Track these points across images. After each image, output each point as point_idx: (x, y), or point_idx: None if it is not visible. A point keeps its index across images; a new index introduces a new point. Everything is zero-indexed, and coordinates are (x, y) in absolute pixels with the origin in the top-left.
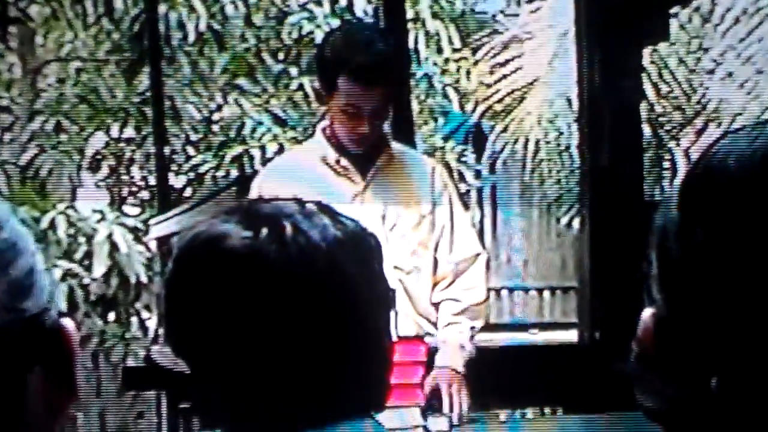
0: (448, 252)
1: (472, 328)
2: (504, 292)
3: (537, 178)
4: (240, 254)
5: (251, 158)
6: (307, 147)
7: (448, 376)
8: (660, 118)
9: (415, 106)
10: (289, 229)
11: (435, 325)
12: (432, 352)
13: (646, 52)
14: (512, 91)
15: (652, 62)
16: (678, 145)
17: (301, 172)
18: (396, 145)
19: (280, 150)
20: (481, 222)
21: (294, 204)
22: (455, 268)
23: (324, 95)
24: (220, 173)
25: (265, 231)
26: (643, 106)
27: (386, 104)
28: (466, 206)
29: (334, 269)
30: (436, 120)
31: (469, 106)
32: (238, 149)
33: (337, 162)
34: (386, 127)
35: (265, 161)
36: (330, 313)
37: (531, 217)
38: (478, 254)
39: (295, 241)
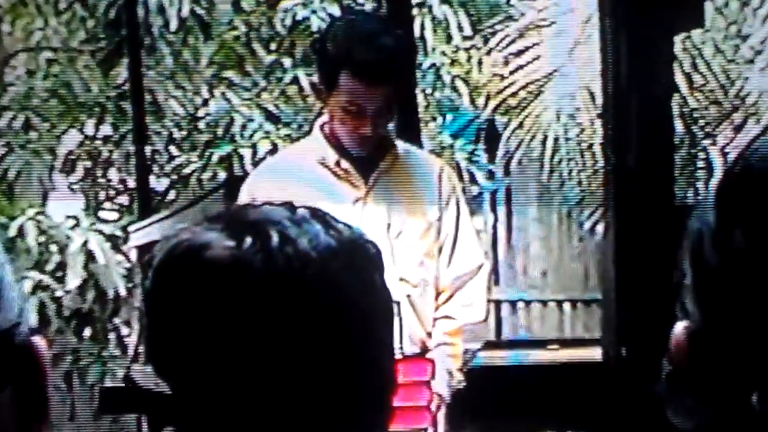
0: (447, 264)
1: (466, 351)
2: (520, 305)
3: (556, 179)
4: (221, 265)
5: (241, 159)
6: (303, 146)
7: (436, 401)
8: (694, 113)
9: (421, 101)
10: (275, 237)
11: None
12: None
13: (678, 39)
14: (529, 84)
15: (685, 51)
16: (714, 143)
17: (296, 175)
18: (401, 145)
19: (273, 149)
20: (495, 228)
21: (284, 210)
22: (454, 281)
23: (323, 92)
24: (207, 175)
25: (248, 240)
26: (675, 100)
27: (391, 103)
28: (473, 212)
29: (326, 280)
30: (444, 116)
31: (480, 101)
32: (226, 149)
33: (337, 164)
34: (391, 125)
35: (256, 162)
36: (323, 328)
37: (550, 223)
38: (480, 266)
39: (281, 250)
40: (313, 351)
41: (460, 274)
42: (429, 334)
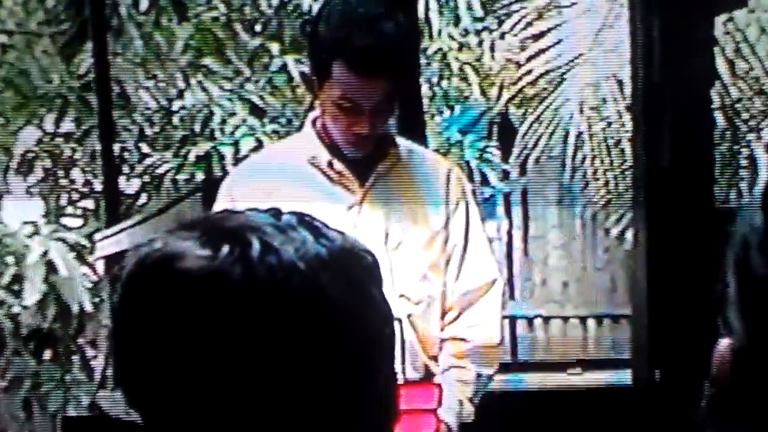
0: (454, 278)
1: (479, 376)
2: (537, 322)
3: (579, 179)
4: (195, 278)
5: (221, 158)
6: (292, 144)
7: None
8: (736, 105)
9: (426, 91)
10: (256, 245)
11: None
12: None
13: (719, 20)
14: (548, 72)
15: (727, 34)
16: (759, 138)
17: (282, 176)
18: (403, 143)
19: (258, 147)
20: (510, 235)
21: (267, 216)
22: (463, 298)
23: (315, 82)
24: (182, 176)
25: (225, 248)
26: (715, 90)
27: (391, 97)
28: (485, 218)
29: (315, 294)
30: (452, 108)
31: (493, 91)
32: (204, 146)
33: (330, 165)
34: (391, 120)
35: (237, 161)
36: (311, 349)
37: (572, 229)
38: (493, 281)
39: (263, 260)
40: (301, 375)
41: (470, 289)
42: (434, 359)
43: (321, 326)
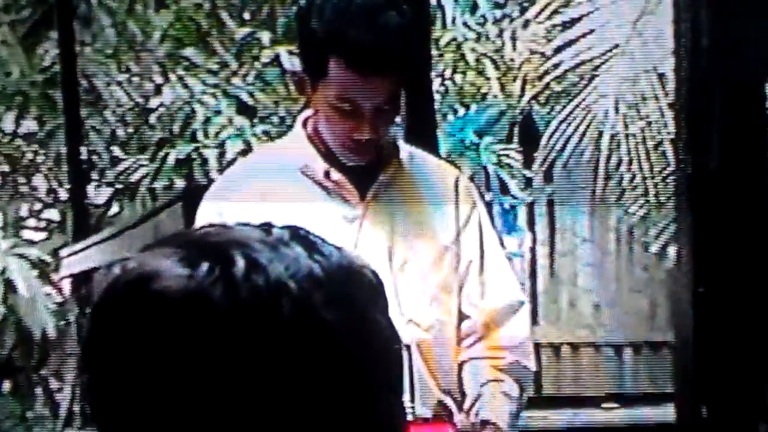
0: (472, 299)
1: (522, 391)
2: (565, 350)
3: (614, 187)
4: (172, 300)
5: (204, 162)
6: (283, 147)
7: None
8: None
9: (437, 88)
10: (240, 262)
11: (462, 403)
12: None
13: None
14: (579, 65)
15: None
16: None
17: (273, 184)
18: (406, 150)
19: (247, 151)
20: (533, 251)
21: (255, 230)
22: (486, 320)
23: (307, 82)
24: (160, 183)
25: (205, 266)
26: None
27: (396, 99)
28: (507, 231)
29: (307, 317)
30: (467, 107)
31: (514, 87)
32: (184, 149)
33: (327, 175)
34: (395, 122)
35: (223, 166)
36: (303, 381)
37: (605, 244)
38: (519, 303)
39: (248, 279)
40: (291, 409)
41: (492, 309)
42: (447, 392)
43: (314, 355)
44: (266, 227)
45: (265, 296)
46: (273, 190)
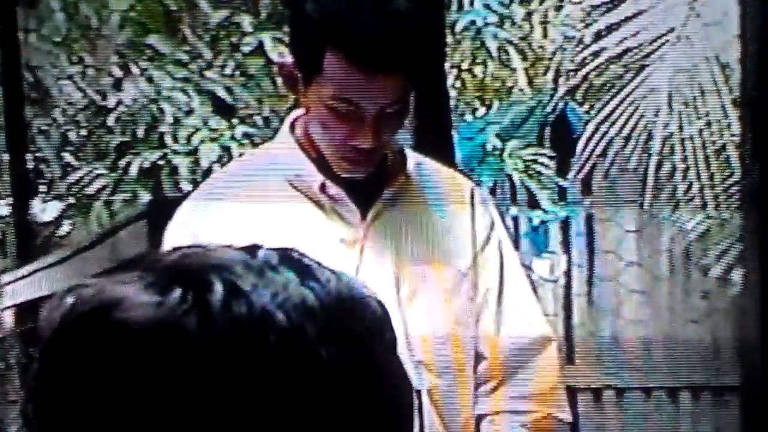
0: (491, 335)
1: None
2: (608, 395)
3: (667, 200)
4: (137, 332)
5: (173, 171)
6: (269, 154)
7: None
8: None
9: (453, 82)
10: (218, 288)
11: None
12: None
13: None
14: (624, 53)
15: None
16: None
17: (257, 199)
18: (416, 159)
19: (224, 157)
20: (569, 276)
21: (239, 252)
22: (507, 361)
23: (299, 76)
24: (120, 197)
25: (177, 293)
26: None
27: (404, 100)
28: (536, 253)
29: (297, 355)
30: (488, 104)
31: (546, 79)
32: (150, 156)
33: (322, 188)
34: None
35: (196, 179)
36: (291, 428)
37: (656, 267)
38: (547, 339)
39: (227, 307)
40: None
41: (512, 348)
42: None
43: (305, 400)
44: (252, 249)
45: (247, 328)
46: (257, 205)
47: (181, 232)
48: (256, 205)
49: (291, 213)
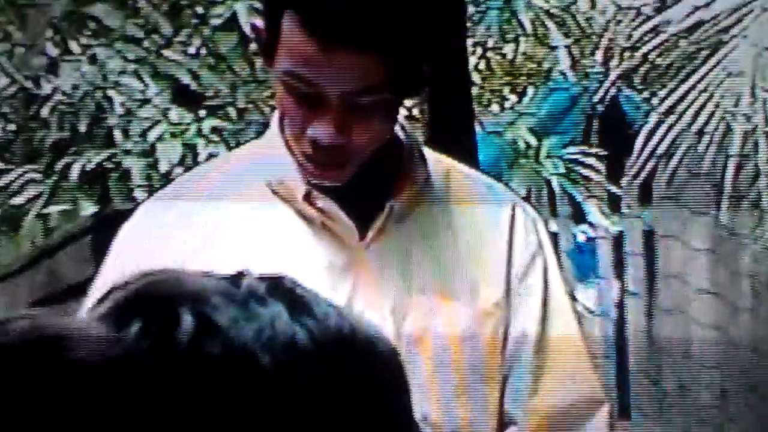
0: (526, 395)
1: None
2: None
3: (748, 211)
4: (86, 372)
5: (124, 176)
6: (253, 154)
7: None
8: None
9: (476, 63)
10: (187, 322)
11: None
12: None
13: None
14: (695, 27)
15: None
16: None
17: (231, 212)
18: (438, 162)
19: (190, 160)
20: (622, 307)
21: (220, 281)
22: (540, 429)
23: (267, 46)
24: (58, 208)
25: (136, 327)
26: None
27: (380, 92)
28: (585, 277)
29: (284, 406)
30: (520, 92)
31: (594, 60)
32: (94, 157)
33: (308, 198)
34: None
35: (153, 185)
36: None
37: (736, 295)
38: (597, 402)
39: (196, 345)
40: None
41: (551, 412)
42: None
43: None
44: (236, 277)
45: (221, 373)
46: (231, 220)
47: (135, 250)
48: (230, 215)
49: (271, 229)
